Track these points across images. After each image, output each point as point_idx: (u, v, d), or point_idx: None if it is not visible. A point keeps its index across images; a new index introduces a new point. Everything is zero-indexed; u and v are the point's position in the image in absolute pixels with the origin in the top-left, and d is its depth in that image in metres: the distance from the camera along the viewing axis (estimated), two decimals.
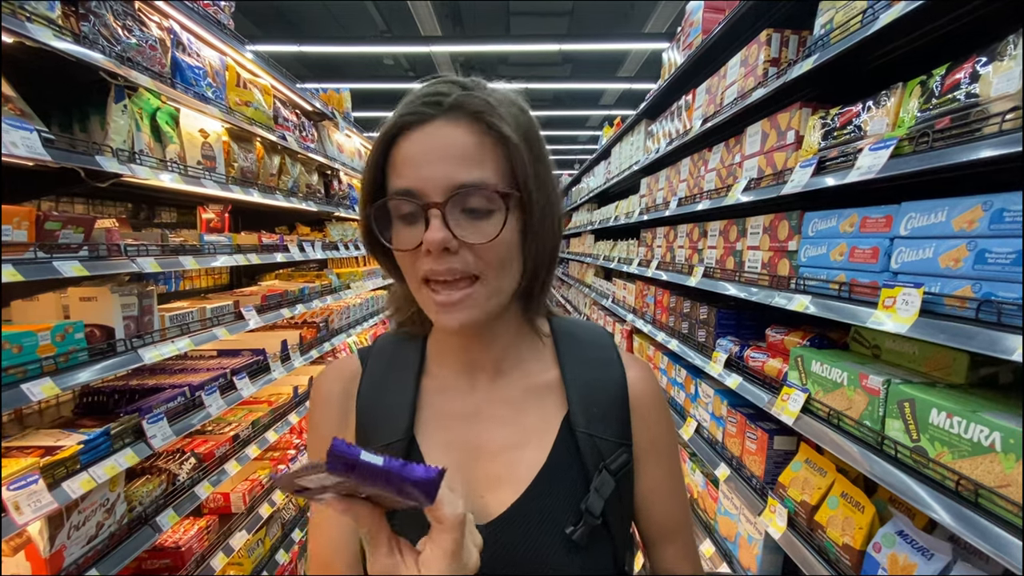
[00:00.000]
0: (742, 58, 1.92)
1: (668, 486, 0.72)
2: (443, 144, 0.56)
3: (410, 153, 0.57)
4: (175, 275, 2.69)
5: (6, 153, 1.21)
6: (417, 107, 0.57)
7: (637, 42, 7.55)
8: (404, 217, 0.59)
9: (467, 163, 0.56)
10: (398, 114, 0.58)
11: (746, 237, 1.86)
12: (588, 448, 0.64)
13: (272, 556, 2.54)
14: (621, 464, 0.65)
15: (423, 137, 0.57)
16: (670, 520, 0.72)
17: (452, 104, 0.57)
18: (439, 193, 0.56)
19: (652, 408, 0.71)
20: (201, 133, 2.08)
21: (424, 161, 0.56)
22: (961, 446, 0.96)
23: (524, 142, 0.59)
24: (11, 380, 1.26)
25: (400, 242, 0.59)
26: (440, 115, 0.57)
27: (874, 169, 1.15)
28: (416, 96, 0.59)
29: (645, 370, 0.73)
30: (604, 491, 0.62)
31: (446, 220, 0.55)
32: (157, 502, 1.77)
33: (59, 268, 1.36)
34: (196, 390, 1.95)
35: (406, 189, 0.57)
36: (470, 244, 0.57)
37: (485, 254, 0.57)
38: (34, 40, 1.30)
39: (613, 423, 0.67)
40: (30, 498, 1.27)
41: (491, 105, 0.58)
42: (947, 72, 1.06)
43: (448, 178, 0.56)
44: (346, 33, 8.62)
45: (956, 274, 0.99)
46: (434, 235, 0.55)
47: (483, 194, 0.56)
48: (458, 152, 0.56)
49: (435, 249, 0.55)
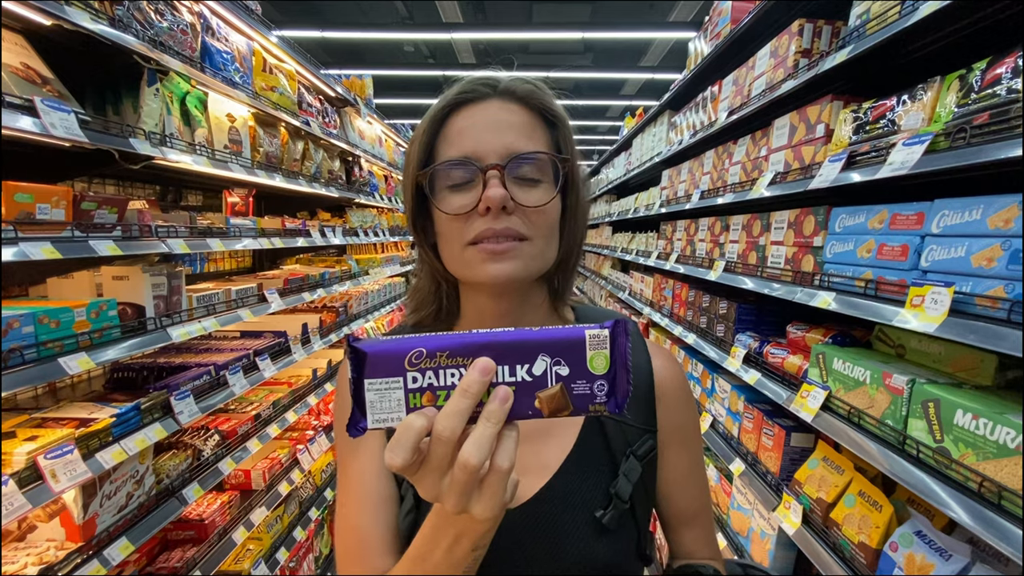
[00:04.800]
0: (772, 49, 1.88)
1: (691, 472, 0.73)
2: (498, 117, 0.61)
3: (466, 124, 0.61)
4: (200, 257, 2.75)
5: (46, 134, 1.24)
6: (473, 87, 0.62)
7: (662, 31, 7.42)
8: (455, 185, 0.61)
9: (522, 135, 0.61)
10: (453, 93, 0.63)
11: (770, 232, 1.83)
12: (615, 434, 0.66)
13: (290, 533, 2.62)
14: (647, 450, 0.67)
15: (479, 111, 0.62)
16: (692, 505, 0.73)
17: (505, 87, 0.63)
18: (496, 157, 0.59)
19: (677, 395, 0.72)
20: (228, 117, 2.11)
21: (482, 130, 0.60)
22: (986, 448, 0.95)
23: (567, 127, 0.65)
24: (49, 353, 1.31)
25: (451, 207, 0.61)
26: (495, 95, 0.62)
27: (907, 165, 1.12)
28: (469, 80, 0.63)
29: (670, 358, 0.74)
30: (632, 476, 0.64)
31: (503, 182, 0.59)
32: (183, 476, 1.83)
33: (94, 247, 1.40)
34: (221, 369, 2.01)
35: (463, 156, 0.60)
36: (523, 207, 0.60)
37: (536, 218, 0.61)
38: (72, 23, 1.33)
39: (639, 410, 0.68)
40: (66, 467, 1.32)
41: (541, 90, 0.64)
42: (988, 67, 1.03)
43: (505, 146, 0.60)
44: (368, 20, 8.61)
45: (989, 274, 0.97)
46: (495, 191, 0.57)
47: (536, 164, 0.60)
48: (515, 126, 0.61)
49: (495, 206, 0.58)
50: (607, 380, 0.43)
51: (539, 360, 0.43)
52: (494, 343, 0.43)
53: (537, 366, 0.43)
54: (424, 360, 0.42)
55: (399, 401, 0.42)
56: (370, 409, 0.43)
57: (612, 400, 0.43)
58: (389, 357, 0.42)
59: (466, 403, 0.40)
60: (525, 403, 0.43)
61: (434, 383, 0.42)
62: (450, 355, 0.42)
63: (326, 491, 3.03)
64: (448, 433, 0.40)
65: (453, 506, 0.41)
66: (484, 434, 0.40)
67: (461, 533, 0.47)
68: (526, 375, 0.43)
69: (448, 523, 0.47)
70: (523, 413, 0.43)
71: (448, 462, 0.40)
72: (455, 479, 0.40)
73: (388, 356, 0.42)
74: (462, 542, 0.47)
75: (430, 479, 0.41)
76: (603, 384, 0.43)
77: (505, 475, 0.41)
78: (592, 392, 0.43)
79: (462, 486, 0.40)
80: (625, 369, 0.43)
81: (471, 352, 0.42)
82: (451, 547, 0.47)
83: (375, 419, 0.43)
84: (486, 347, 0.42)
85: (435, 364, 0.42)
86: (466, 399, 0.40)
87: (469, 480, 0.40)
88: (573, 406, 0.43)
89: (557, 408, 0.43)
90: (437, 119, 0.63)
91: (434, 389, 0.42)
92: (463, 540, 0.47)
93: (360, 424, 0.43)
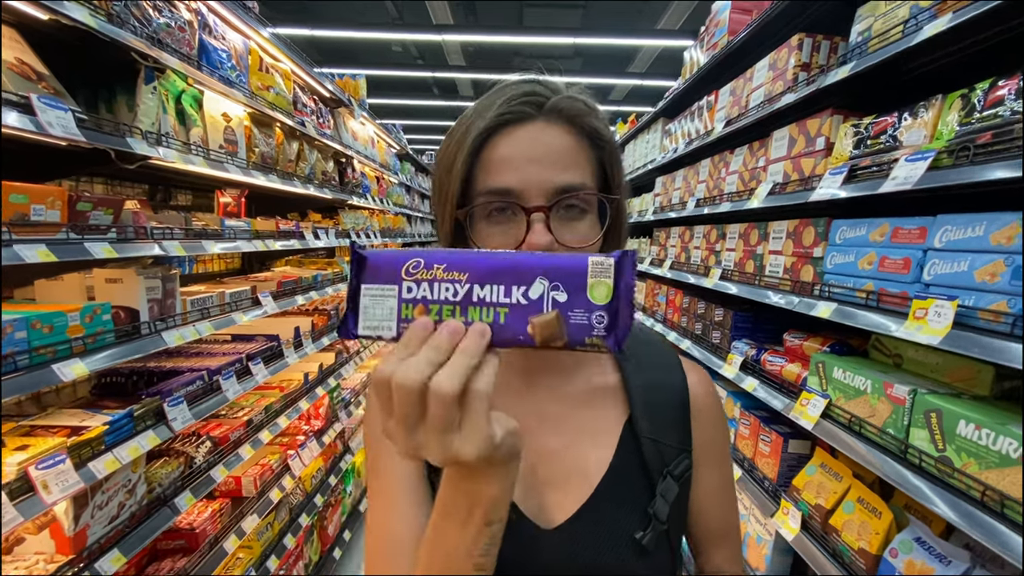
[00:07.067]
0: (771, 61, 1.91)
1: (723, 490, 0.72)
2: (543, 145, 0.57)
3: (507, 153, 0.57)
4: (189, 258, 2.69)
5: (43, 133, 1.20)
6: (516, 106, 0.58)
7: (653, 38, 7.50)
8: (493, 216, 0.58)
9: (567, 165, 0.57)
10: (493, 114, 0.58)
11: (768, 241, 1.86)
12: (652, 453, 0.65)
13: (280, 540, 2.57)
14: (684, 469, 0.66)
15: (522, 137, 0.58)
16: (723, 524, 0.73)
17: (551, 107, 0.58)
18: (542, 196, 0.56)
19: (712, 414, 0.71)
20: (224, 117, 2.07)
21: (525, 161, 0.57)
22: (989, 457, 0.98)
23: (614, 148, 0.62)
24: (42, 360, 1.26)
25: (491, 243, 0.59)
26: (540, 116, 0.58)
27: (910, 180, 1.15)
28: (512, 95, 0.58)
29: (705, 375, 0.74)
30: (669, 496, 0.63)
31: (548, 223, 0.56)
32: (175, 484, 1.78)
33: (90, 249, 1.36)
34: (214, 374, 1.96)
35: (505, 188, 0.57)
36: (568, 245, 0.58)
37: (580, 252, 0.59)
38: (70, 18, 1.29)
39: (676, 428, 0.67)
40: (58, 477, 1.28)
41: (590, 109, 0.60)
42: (990, 87, 1.06)
43: (550, 181, 0.56)
44: (358, 19, 8.54)
45: (992, 288, 1.00)
46: (540, 239, 0.55)
47: (582, 197, 0.58)
48: (558, 155, 0.57)
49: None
50: (607, 312, 0.41)
51: (536, 283, 0.41)
52: (492, 261, 0.42)
53: (534, 289, 0.41)
54: (420, 271, 0.42)
55: (391, 309, 0.42)
56: (363, 315, 0.42)
57: (612, 336, 0.41)
58: (387, 264, 0.43)
59: (436, 356, 0.38)
60: (516, 328, 0.41)
61: (428, 296, 0.42)
62: (447, 268, 0.42)
63: (316, 497, 2.98)
64: (411, 380, 0.37)
65: (435, 449, 0.38)
66: (459, 363, 0.38)
67: (472, 503, 0.44)
68: (521, 297, 0.41)
69: (457, 492, 0.45)
70: (513, 339, 0.41)
71: (416, 409, 0.38)
72: (430, 416, 0.38)
73: (387, 263, 0.43)
74: (474, 513, 0.44)
75: (403, 430, 0.39)
76: (602, 315, 0.41)
77: (483, 399, 0.38)
78: (590, 323, 0.41)
79: (438, 420, 0.37)
80: (628, 304, 0.41)
81: (468, 268, 0.42)
82: (464, 522, 0.45)
83: (366, 325, 0.42)
84: (483, 264, 0.42)
85: (431, 276, 0.42)
86: (436, 353, 0.39)
87: (444, 414, 0.37)
88: (568, 337, 0.41)
89: (550, 336, 0.41)
90: (475, 145, 0.58)
91: (427, 302, 0.42)
92: (475, 511, 0.44)
93: (351, 328, 0.43)
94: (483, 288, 0.41)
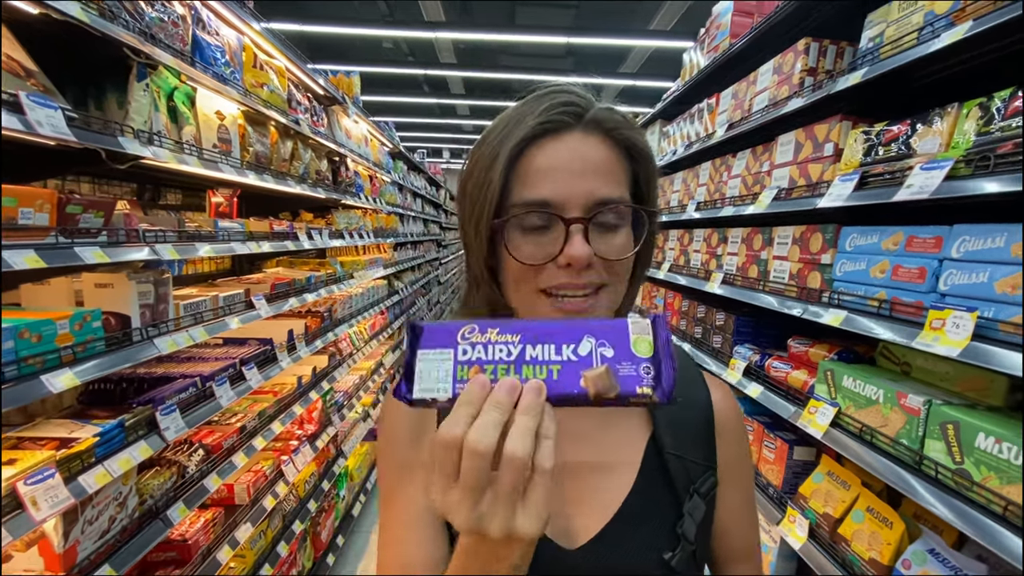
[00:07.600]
0: (776, 65, 1.90)
1: (746, 507, 0.72)
2: (582, 157, 0.56)
3: (546, 164, 0.56)
4: (179, 260, 2.61)
5: (32, 132, 1.14)
6: (556, 115, 0.56)
7: (645, 38, 7.51)
8: (530, 228, 0.57)
9: (605, 178, 0.57)
10: (537, 120, 0.56)
11: (772, 246, 1.85)
12: (678, 471, 0.64)
13: (273, 548, 2.51)
14: (710, 487, 0.65)
15: (560, 148, 0.56)
16: (746, 542, 0.72)
17: (591, 119, 0.57)
18: (580, 208, 0.55)
19: (736, 431, 0.71)
20: (217, 115, 2.00)
21: (564, 172, 0.56)
22: (1011, 472, 0.97)
23: (651, 162, 0.60)
24: (31, 370, 1.20)
25: (526, 254, 0.57)
26: (578, 126, 0.57)
27: (927, 189, 1.14)
28: (550, 104, 0.57)
29: (728, 391, 0.73)
30: (697, 516, 0.62)
31: (587, 235, 0.55)
32: (168, 495, 1.72)
33: (80, 254, 1.30)
34: (207, 380, 1.90)
35: (543, 200, 0.56)
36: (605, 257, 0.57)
37: (616, 266, 0.58)
38: (61, 12, 1.23)
39: (700, 445, 0.67)
40: (47, 493, 1.22)
41: (628, 123, 0.59)
42: (1011, 96, 1.05)
43: (590, 193, 0.55)
44: (349, 15, 8.42)
45: (1012, 300, 0.99)
46: (580, 251, 0.54)
47: (618, 210, 0.57)
48: (597, 166, 0.56)
49: (579, 265, 0.55)
50: (652, 364, 0.43)
51: (584, 340, 0.44)
52: (542, 323, 0.45)
53: (583, 346, 0.44)
54: (475, 334, 0.44)
55: (447, 372, 0.44)
56: (418, 379, 0.44)
57: (659, 387, 0.43)
58: (443, 330, 0.45)
59: (500, 416, 0.39)
60: (569, 383, 0.43)
61: (483, 357, 0.44)
62: (500, 332, 0.45)
63: (309, 503, 2.92)
64: (485, 444, 0.37)
65: (499, 522, 0.38)
66: (524, 425, 0.38)
67: (499, 557, 0.43)
68: (571, 354, 0.44)
69: (476, 559, 0.43)
70: (568, 394, 0.43)
71: (486, 475, 0.38)
72: (501, 484, 0.38)
73: (442, 329, 0.45)
74: (501, 564, 0.43)
75: (469, 500, 0.38)
76: (648, 367, 0.43)
77: (549, 477, 0.39)
78: (638, 374, 0.43)
79: (508, 493, 0.38)
80: (669, 357, 0.43)
81: (520, 330, 0.44)
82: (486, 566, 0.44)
83: (421, 388, 0.43)
84: (534, 326, 0.45)
85: (485, 339, 0.44)
86: (500, 412, 0.39)
87: (515, 481, 0.37)
88: (620, 388, 0.43)
89: (604, 388, 0.42)
90: (514, 153, 0.56)
91: (482, 363, 0.44)
92: (502, 562, 0.43)
93: (405, 393, 0.44)
94: (535, 347, 0.44)
